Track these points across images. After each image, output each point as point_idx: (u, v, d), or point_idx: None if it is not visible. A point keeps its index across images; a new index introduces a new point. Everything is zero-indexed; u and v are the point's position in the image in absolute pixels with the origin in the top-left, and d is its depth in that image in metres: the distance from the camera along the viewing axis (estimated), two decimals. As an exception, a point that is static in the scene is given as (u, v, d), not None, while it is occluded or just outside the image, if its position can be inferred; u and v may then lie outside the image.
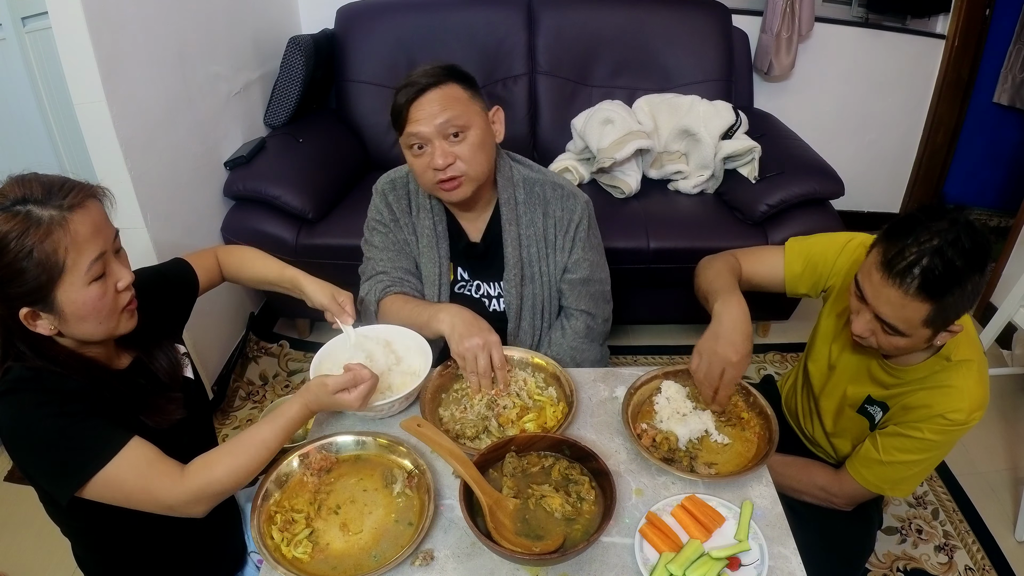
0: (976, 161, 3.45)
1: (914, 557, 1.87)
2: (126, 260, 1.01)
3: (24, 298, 0.90)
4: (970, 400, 1.15)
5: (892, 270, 1.02)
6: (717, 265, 1.38)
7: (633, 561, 0.97)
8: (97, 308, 0.94)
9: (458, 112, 1.26)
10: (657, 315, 2.59)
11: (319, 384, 1.07)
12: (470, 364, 1.24)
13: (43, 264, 0.88)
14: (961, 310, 1.05)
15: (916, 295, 1.01)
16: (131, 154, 1.80)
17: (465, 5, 2.69)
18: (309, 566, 0.96)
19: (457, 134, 1.27)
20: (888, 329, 1.08)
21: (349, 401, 1.07)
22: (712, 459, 1.16)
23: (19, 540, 1.74)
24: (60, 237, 0.88)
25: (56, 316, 0.92)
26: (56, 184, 0.91)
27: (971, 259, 1.00)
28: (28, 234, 0.87)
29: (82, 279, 0.91)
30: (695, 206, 2.47)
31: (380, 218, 1.46)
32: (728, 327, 1.19)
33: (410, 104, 1.25)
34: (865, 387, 1.30)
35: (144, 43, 1.84)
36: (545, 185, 1.43)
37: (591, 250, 1.46)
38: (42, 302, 0.91)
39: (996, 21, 3.10)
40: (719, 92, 2.68)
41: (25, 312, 0.91)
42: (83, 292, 0.92)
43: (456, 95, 1.27)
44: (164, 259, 1.25)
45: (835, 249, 1.33)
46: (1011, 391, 2.47)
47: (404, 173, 1.45)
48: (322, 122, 2.65)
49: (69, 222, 0.89)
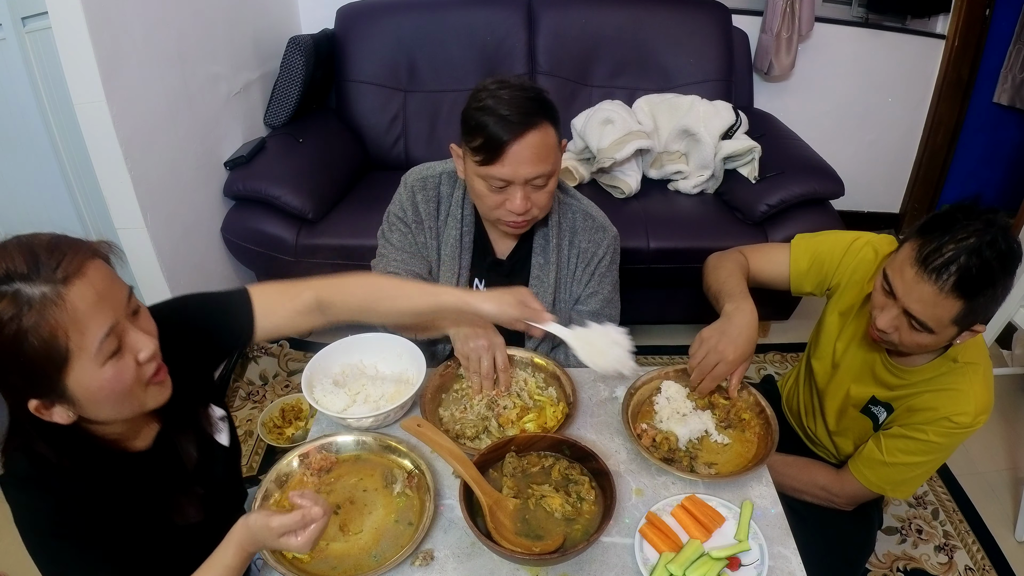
0: (976, 161, 3.44)
1: (914, 557, 1.87)
2: (147, 321, 0.84)
3: (28, 390, 0.76)
4: (976, 403, 1.15)
5: (928, 266, 1.02)
6: (728, 265, 1.38)
7: (633, 561, 0.97)
8: (116, 390, 0.79)
9: (551, 163, 1.22)
10: (657, 315, 2.59)
11: (262, 526, 0.86)
12: (474, 365, 1.23)
13: (43, 351, 0.73)
14: (989, 312, 1.06)
15: (951, 293, 1.01)
16: (131, 154, 1.80)
17: (465, 5, 2.69)
18: (309, 566, 0.96)
19: (542, 183, 1.24)
20: (916, 326, 1.08)
21: (297, 546, 0.86)
22: (712, 459, 1.16)
23: (19, 540, 1.74)
24: (57, 318, 0.72)
25: (71, 404, 0.78)
26: (43, 250, 0.74)
27: (1005, 261, 1.00)
28: (20, 318, 0.71)
29: (93, 361, 0.76)
30: (695, 206, 2.47)
31: (403, 216, 1.40)
32: (736, 329, 1.21)
33: (508, 145, 1.18)
34: (869, 387, 1.30)
35: (144, 43, 1.84)
36: (577, 213, 1.41)
37: (607, 285, 1.44)
38: (51, 393, 0.76)
39: (996, 21, 3.09)
40: (719, 92, 2.68)
41: (35, 404, 0.77)
42: (97, 375, 0.76)
43: (551, 141, 1.22)
44: (164, 259, 1.19)
45: (841, 247, 1.33)
46: (1011, 391, 2.47)
47: (437, 173, 1.40)
48: (322, 122, 2.65)
49: (66, 297, 0.72)
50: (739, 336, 1.20)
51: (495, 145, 1.18)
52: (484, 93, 1.21)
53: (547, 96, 1.24)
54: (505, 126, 1.17)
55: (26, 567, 1.33)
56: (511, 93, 1.19)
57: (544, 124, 1.20)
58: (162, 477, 0.93)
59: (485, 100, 1.19)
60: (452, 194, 1.38)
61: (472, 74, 2.69)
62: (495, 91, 1.20)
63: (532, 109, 1.19)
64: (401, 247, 1.41)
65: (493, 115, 1.17)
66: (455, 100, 2.71)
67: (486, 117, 1.18)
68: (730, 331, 1.21)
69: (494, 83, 1.22)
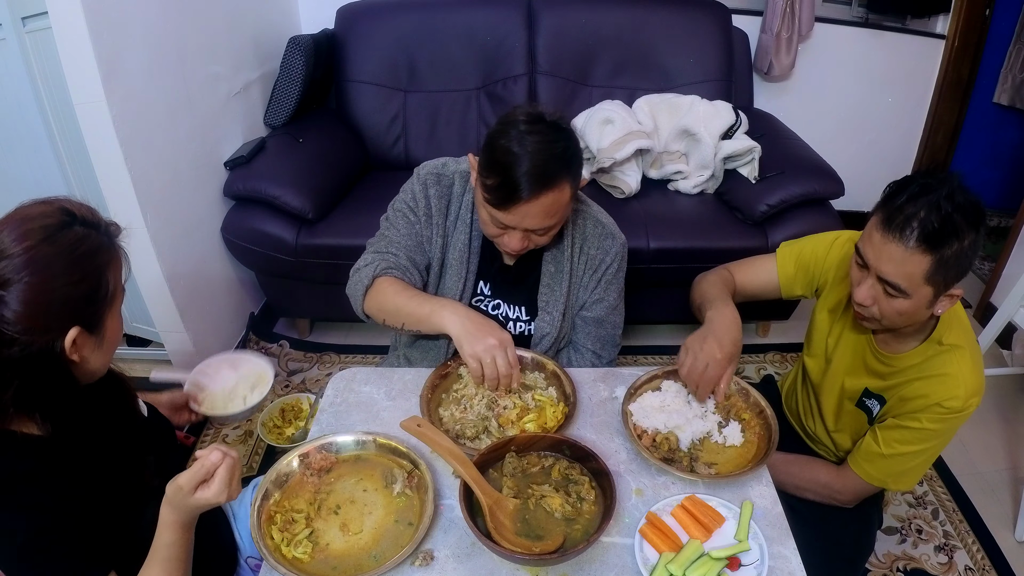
0: (976, 161, 3.45)
1: (914, 557, 1.87)
2: None
3: (87, 315, 0.88)
4: (966, 387, 1.16)
5: (891, 225, 1.05)
6: (711, 278, 1.44)
7: (633, 561, 0.97)
8: (119, 337, 0.95)
9: (559, 217, 1.21)
10: (657, 315, 2.59)
11: (174, 490, 0.89)
12: (488, 367, 1.18)
13: (109, 284, 0.90)
14: (961, 269, 1.07)
15: (916, 247, 1.04)
16: (131, 154, 1.80)
17: (465, 5, 2.69)
18: (309, 566, 0.96)
19: (543, 233, 1.23)
20: (891, 290, 1.09)
21: (212, 495, 0.89)
22: (712, 459, 1.16)
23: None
24: (117, 260, 0.92)
25: (97, 341, 0.91)
26: (91, 212, 0.92)
27: (966, 213, 1.03)
28: (102, 251, 0.89)
29: (118, 307, 0.93)
30: (695, 206, 2.47)
31: (414, 207, 1.36)
32: (718, 329, 1.23)
33: (520, 202, 1.14)
34: (862, 379, 1.32)
35: (144, 43, 1.83)
36: (588, 220, 1.38)
37: (612, 292, 1.42)
38: (95, 324, 0.90)
39: (996, 21, 3.10)
40: (719, 92, 2.68)
41: (76, 332, 0.86)
42: (119, 319, 0.94)
43: (564, 199, 1.18)
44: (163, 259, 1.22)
45: (824, 246, 1.38)
46: (1011, 391, 2.47)
47: (451, 173, 1.37)
48: (322, 122, 2.64)
49: (117, 249, 0.92)
50: (724, 336, 1.22)
51: (507, 196, 1.14)
52: (513, 130, 1.15)
53: (574, 144, 1.19)
54: (522, 182, 1.12)
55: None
56: (538, 143, 1.13)
57: (563, 183, 1.16)
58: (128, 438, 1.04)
59: (512, 141, 1.14)
60: (464, 196, 1.36)
61: (472, 74, 2.70)
62: (525, 132, 1.14)
63: (554, 169, 1.14)
64: (407, 234, 1.38)
65: (515, 166, 1.12)
66: (455, 100, 2.72)
67: (507, 164, 1.13)
68: (712, 331, 1.23)
69: (526, 120, 1.16)
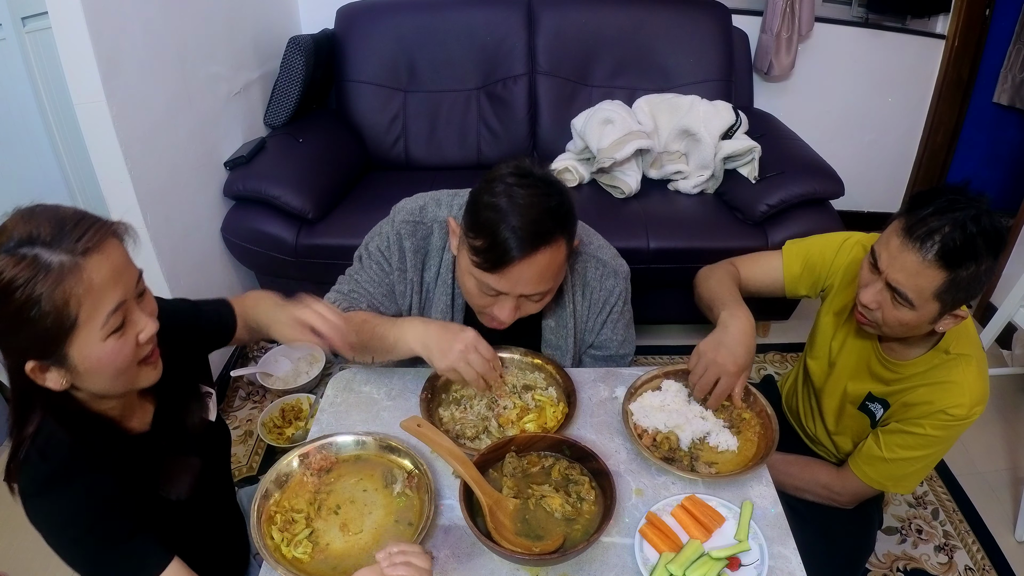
0: (976, 161, 3.44)
1: (914, 557, 1.87)
2: (151, 304, 0.89)
3: (30, 351, 0.78)
4: (971, 395, 1.16)
5: (912, 235, 1.04)
6: (718, 274, 1.39)
7: (633, 561, 0.97)
8: (114, 364, 0.82)
9: (554, 281, 1.12)
10: (657, 315, 2.59)
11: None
12: (466, 372, 1.12)
13: (53, 316, 0.75)
14: (971, 292, 1.06)
15: (933, 262, 1.03)
16: (131, 154, 1.80)
17: (465, 5, 2.69)
18: (309, 566, 0.96)
19: (538, 298, 1.14)
20: (898, 299, 1.09)
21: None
22: (712, 459, 1.16)
23: (19, 540, 1.74)
24: (73, 286, 0.75)
25: (67, 371, 0.81)
26: (68, 222, 0.77)
27: (989, 239, 1.02)
28: (36, 281, 0.74)
29: (98, 333, 0.79)
30: (695, 206, 2.47)
31: (388, 256, 1.27)
32: (733, 338, 1.19)
33: (513, 264, 1.04)
34: (865, 384, 1.31)
35: (144, 43, 1.83)
36: (588, 261, 1.29)
37: (621, 328, 1.36)
38: (51, 357, 0.79)
39: (996, 21, 3.10)
40: (719, 92, 2.68)
41: (32, 366, 0.79)
42: (98, 348, 0.80)
43: (559, 259, 1.09)
44: (163, 259, 1.23)
45: (832, 248, 1.35)
46: (1011, 391, 2.47)
47: (429, 221, 1.26)
48: (322, 122, 2.65)
49: (83, 269, 0.76)
50: (737, 346, 1.18)
51: (498, 258, 1.05)
52: (500, 185, 1.06)
53: (568, 200, 1.09)
54: (514, 241, 1.03)
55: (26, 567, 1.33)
56: (529, 197, 1.04)
57: (557, 241, 1.07)
58: (160, 457, 0.96)
59: (499, 197, 1.04)
60: (443, 253, 1.25)
61: (472, 74, 2.70)
62: (512, 186, 1.05)
63: (547, 226, 1.05)
64: (377, 283, 1.28)
65: (504, 222, 1.03)
66: (455, 100, 2.72)
67: (496, 220, 1.03)
68: (727, 342, 1.18)
69: (512, 174, 1.07)
